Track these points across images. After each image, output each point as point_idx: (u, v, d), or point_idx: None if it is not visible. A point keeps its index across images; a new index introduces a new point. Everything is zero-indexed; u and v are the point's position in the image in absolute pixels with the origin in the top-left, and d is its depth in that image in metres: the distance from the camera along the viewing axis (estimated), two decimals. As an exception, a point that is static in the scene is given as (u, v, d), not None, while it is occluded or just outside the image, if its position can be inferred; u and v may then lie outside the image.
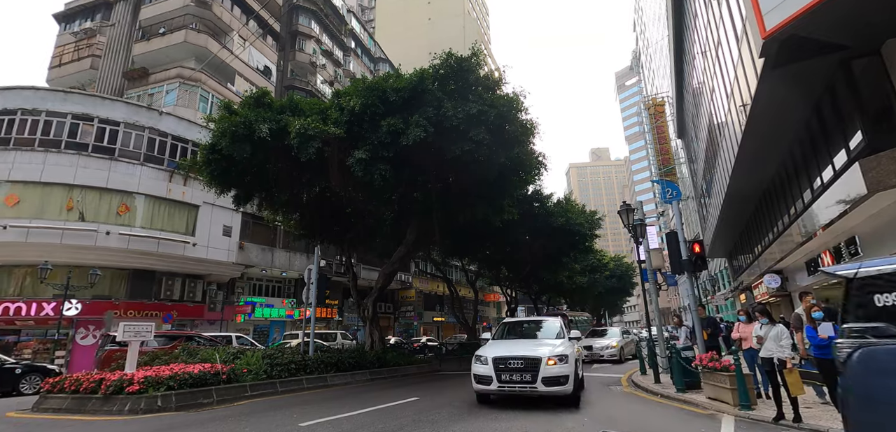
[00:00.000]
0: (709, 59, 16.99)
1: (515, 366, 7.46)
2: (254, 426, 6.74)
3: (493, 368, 7.57)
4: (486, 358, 7.79)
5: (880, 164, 8.27)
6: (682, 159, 40.93)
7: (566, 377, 7.29)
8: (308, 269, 13.39)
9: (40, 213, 17.89)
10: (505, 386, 7.45)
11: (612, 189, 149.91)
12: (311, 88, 31.61)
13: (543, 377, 7.23)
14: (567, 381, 7.30)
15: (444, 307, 44.29)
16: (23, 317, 18.32)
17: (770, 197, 17.52)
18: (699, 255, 10.66)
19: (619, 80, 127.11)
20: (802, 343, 7.37)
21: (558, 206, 22.71)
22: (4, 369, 13.45)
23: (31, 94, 19.54)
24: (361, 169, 11.83)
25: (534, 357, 7.45)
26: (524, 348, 7.97)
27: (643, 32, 56.18)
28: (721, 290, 39.63)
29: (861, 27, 8.20)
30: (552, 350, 7.66)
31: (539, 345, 8.13)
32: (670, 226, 47.41)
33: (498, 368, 7.55)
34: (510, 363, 7.51)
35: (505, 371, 7.49)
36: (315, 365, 12.41)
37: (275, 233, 25.27)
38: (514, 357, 7.57)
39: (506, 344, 8.64)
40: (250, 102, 13.53)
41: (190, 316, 22.30)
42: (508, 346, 8.22)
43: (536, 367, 7.31)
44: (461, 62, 12.58)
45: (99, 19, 27.74)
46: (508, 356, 7.61)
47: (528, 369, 7.35)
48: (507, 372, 7.47)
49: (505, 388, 7.46)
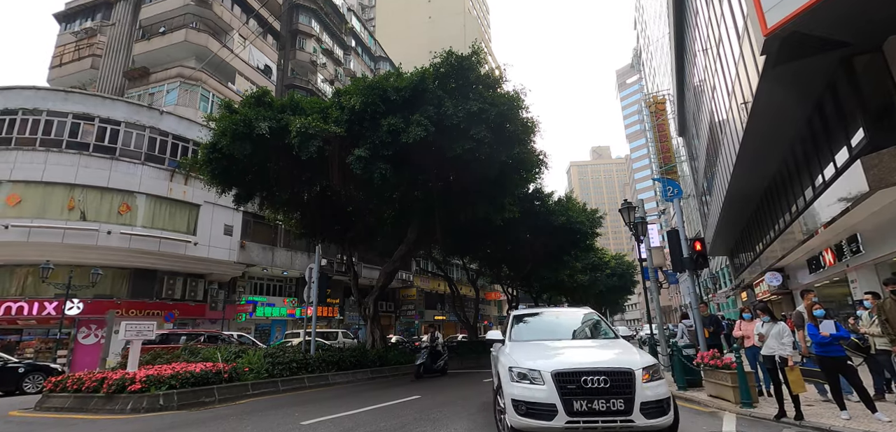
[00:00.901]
0: (710, 56, 16.95)
1: (596, 387, 4.60)
2: (255, 424, 6.76)
3: (557, 390, 4.64)
4: (537, 372, 4.83)
5: (882, 162, 8.25)
6: (683, 157, 40.88)
7: (668, 400, 4.74)
8: (309, 268, 13.41)
9: (42, 213, 17.93)
10: (583, 422, 4.55)
11: (613, 187, 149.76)
12: (311, 87, 31.61)
13: (642, 403, 4.56)
14: (669, 408, 4.71)
15: (445, 306, 44.32)
16: (25, 316, 18.38)
17: (771, 194, 17.50)
18: (700, 253, 10.65)
19: (619, 77, 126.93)
20: (804, 341, 7.38)
21: (559, 205, 22.71)
22: (8, 368, 13.50)
23: (32, 93, 19.58)
24: (362, 167, 11.83)
25: (622, 369, 4.73)
26: (591, 354, 5.39)
27: (644, 30, 56.07)
28: (722, 288, 39.59)
29: (862, 24, 8.18)
30: (639, 358, 5.01)
31: (605, 349, 5.52)
32: (671, 224, 47.42)
33: (566, 390, 4.63)
34: (587, 381, 4.62)
35: (579, 394, 4.59)
36: (316, 363, 12.43)
37: (276, 232, 25.30)
38: (590, 370, 4.71)
39: (546, 347, 5.68)
40: (251, 101, 13.54)
41: (191, 315, 22.34)
42: (557, 352, 5.44)
43: (630, 387, 4.61)
44: (462, 61, 12.58)
45: (99, 19, 27.75)
46: (580, 368, 4.76)
47: (617, 391, 4.60)
48: (584, 395, 4.59)
49: (582, 424, 4.55)
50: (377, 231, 18.30)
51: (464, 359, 19.40)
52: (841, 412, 6.06)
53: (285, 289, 27.80)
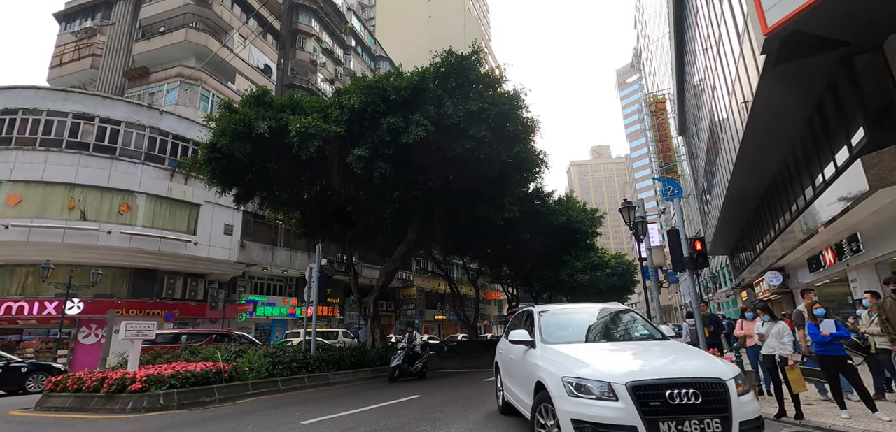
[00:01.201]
0: (710, 55, 16.94)
1: (686, 403, 3.64)
2: (256, 424, 6.76)
3: (637, 408, 3.64)
4: (605, 384, 3.80)
5: (882, 161, 8.25)
6: (683, 156, 40.88)
7: (761, 419, 3.92)
8: (309, 268, 13.41)
9: (42, 213, 17.94)
10: None
11: (614, 186, 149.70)
12: (311, 87, 31.60)
13: (741, 423, 3.69)
14: (763, 426, 3.93)
15: (445, 305, 44.32)
16: (25, 316, 18.39)
17: (772, 194, 17.50)
18: (700, 253, 10.63)
19: (619, 77, 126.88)
20: (804, 340, 7.37)
21: (559, 204, 22.73)
22: (11, 368, 13.52)
23: (32, 93, 19.58)
24: (362, 167, 11.84)
25: (713, 379, 3.80)
26: (666, 360, 4.38)
27: (644, 29, 56.04)
28: (722, 288, 39.61)
29: (863, 23, 8.17)
30: (725, 366, 4.15)
31: (676, 354, 4.57)
32: (671, 224, 47.42)
33: (648, 407, 3.64)
34: (673, 395, 3.65)
35: (666, 414, 3.62)
36: (317, 363, 12.43)
37: (276, 232, 25.30)
38: (677, 382, 3.74)
39: (599, 351, 4.70)
40: (251, 101, 13.55)
41: (191, 315, 22.35)
42: (618, 357, 4.55)
43: (725, 403, 3.70)
44: (462, 60, 12.59)
45: (99, 18, 27.74)
46: (663, 379, 3.78)
47: (710, 407, 3.66)
48: (671, 415, 3.62)
49: None
50: (377, 230, 18.32)
51: (464, 359, 19.41)
52: (841, 411, 6.06)
53: (285, 289, 27.80)
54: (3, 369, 13.28)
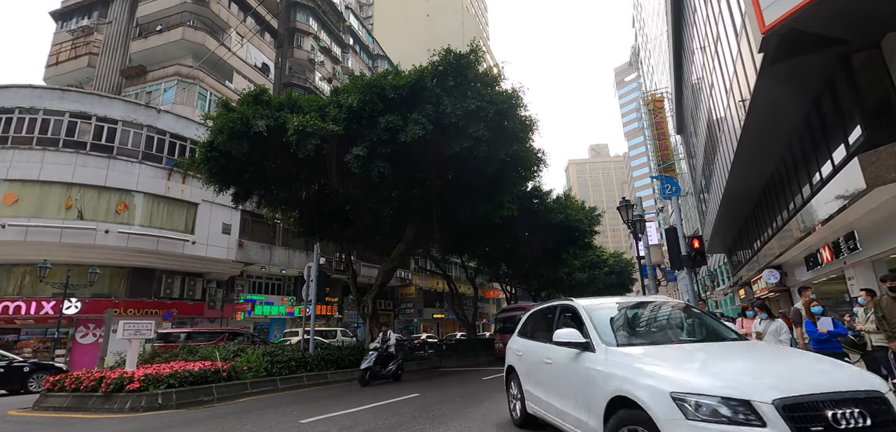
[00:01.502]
0: (708, 54, 16.96)
1: (852, 427, 2.75)
2: (254, 423, 6.75)
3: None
4: (745, 402, 2.80)
5: (879, 159, 8.26)
6: (681, 155, 40.92)
7: None
8: (308, 267, 13.40)
9: (39, 212, 17.87)
10: None
11: (612, 185, 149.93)
12: (309, 85, 31.54)
13: None
14: None
15: (443, 304, 44.35)
16: (22, 315, 18.33)
17: (769, 192, 17.54)
18: (698, 251, 10.69)
19: (618, 75, 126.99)
20: (801, 337, 7.40)
21: (557, 203, 22.78)
22: (13, 367, 13.50)
23: (29, 92, 19.49)
24: (360, 166, 11.82)
25: (872, 393, 2.95)
26: (817, 369, 3.31)
27: (642, 28, 56.07)
28: (720, 286, 39.71)
29: (861, 21, 8.18)
30: (870, 375, 3.40)
31: (784, 357, 3.87)
32: (669, 222, 47.47)
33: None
34: (837, 417, 2.76)
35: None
36: (315, 362, 12.43)
37: (274, 231, 25.26)
38: (838, 397, 2.86)
39: (703, 357, 3.68)
40: (248, 99, 13.52)
41: (190, 314, 22.31)
42: (737, 365, 3.50)
43: (893, 423, 2.89)
44: (460, 59, 12.56)
45: (96, 17, 27.61)
46: (819, 395, 2.86)
47: (880, 429, 2.81)
48: None
49: None
50: (376, 229, 18.29)
51: (462, 357, 19.45)
52: (838, 408, 6.07)
53: (284, 288, 27.77)
54: (6, 369, 13.26)
